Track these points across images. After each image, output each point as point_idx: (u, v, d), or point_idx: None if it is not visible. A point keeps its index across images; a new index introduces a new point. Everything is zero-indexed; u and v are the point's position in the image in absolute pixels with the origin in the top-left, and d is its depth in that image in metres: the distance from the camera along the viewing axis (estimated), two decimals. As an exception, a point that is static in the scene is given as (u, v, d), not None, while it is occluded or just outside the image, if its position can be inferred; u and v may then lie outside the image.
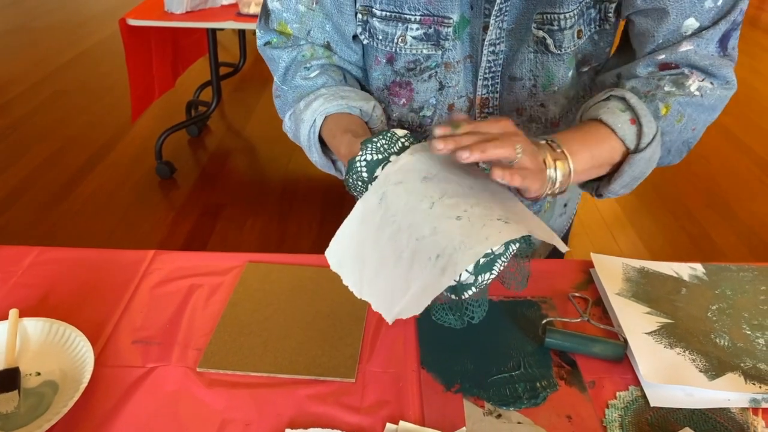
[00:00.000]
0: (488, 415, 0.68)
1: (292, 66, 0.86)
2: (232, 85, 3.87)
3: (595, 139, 0.72)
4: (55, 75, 4.08)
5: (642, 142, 0.72)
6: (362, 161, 0.68)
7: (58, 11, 5.50)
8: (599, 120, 0.72)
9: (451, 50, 0.83)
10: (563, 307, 0.84)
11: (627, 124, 0.71)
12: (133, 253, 0.93)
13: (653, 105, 0.74)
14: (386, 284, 0.64)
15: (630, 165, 0.72)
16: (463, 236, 0.60)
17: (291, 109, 0.85)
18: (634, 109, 0.72)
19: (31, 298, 0.84)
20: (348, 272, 0.69)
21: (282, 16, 0.84)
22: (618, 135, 0.71)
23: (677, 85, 0.75)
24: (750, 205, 2.71)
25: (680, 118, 0.75)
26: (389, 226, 0.64)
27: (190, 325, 0.80)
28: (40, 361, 0.73)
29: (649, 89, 0.75)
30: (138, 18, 2.44)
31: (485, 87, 0.86)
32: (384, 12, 0.82)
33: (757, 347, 0.76)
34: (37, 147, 3.14)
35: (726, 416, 0.68)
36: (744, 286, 0.86)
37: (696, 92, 0.75)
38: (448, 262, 0.59)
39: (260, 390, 0.71)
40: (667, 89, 0.75)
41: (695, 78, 0.75)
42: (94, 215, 2.60)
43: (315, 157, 0.85)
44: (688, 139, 0.80)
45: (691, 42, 0.74)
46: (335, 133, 0.79)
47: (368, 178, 0.68)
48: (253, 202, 2.71)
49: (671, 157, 0.82)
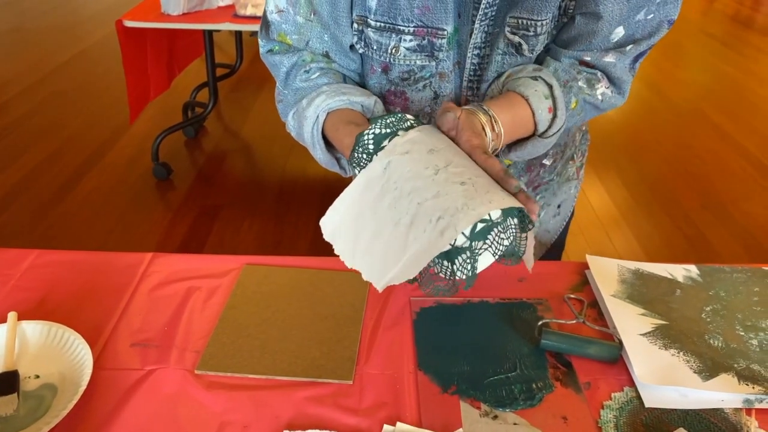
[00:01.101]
0: (485, 416, 0.68)
1: (292, 70, 0.87)
2: (229, 86, 3.87)
3: (519, 115, 0.79)
4: (51, 76, 4.08)
5: (550, 131, 0.80)
6: (370, 134, 0.70)
7: (54, 12, 5.49)
8: (525, 99, 0.79)
9: (445, 60, 0.84)
10: (559, 308, 0.84)
11: (545, 113, 0.79)
12: (131, 255, 0.93)
13: (568, 97, 0.82)
14: (381, 251, 0.65)
15: (533, 145, 0.81)
16: (466, 198, 0.62)
17: (293, 109, 0.86)
18: (556, 100, 0.79)
19: (29, 301, 0.84)
20: (341, 241, 0.69)
21: (281, 27, 0.85)
22: (535, 119, 0.79)
23: (589, 84, 0.84)
24: (745, 205, 2.72)
25: (580, 112, 0.84)
26: (390, 192, 0.66)
27: (188, 328, 0.80)
28: (39, 364, 0.74)
29: (568, 80, 0.82)
30: (135, 19, 2.44)
31: (470, 89, 0.87)
32: (378, 23, 0.82)
33: (750, 348, 0.77)
34: (34, 148, 3.14)
35: (720, 417, 0.69)
36: (738, 287, 0.87)
37: (599, 96, 0.84)
38: (449, 223, 0.61)
39: (258, 392, 0.71)
40: (580, 84, 0.83)
41: (603, 84, 0.84)
42: (92, 216, 2.60)
43: (319, 154, 0.85)
44: (578, 125, 0.92)
45: (615, 55, 0.82)
46: (338, 126, 0.80)
47: (374, 149, 0.69)
48: (251, 203, 2.71)
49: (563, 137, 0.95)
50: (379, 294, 0.86)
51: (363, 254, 0.67)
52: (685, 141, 3.29)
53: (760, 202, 2.75)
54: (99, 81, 3.98)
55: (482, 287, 0.87)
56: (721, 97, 3.85)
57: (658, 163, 3.03)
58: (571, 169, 1.05)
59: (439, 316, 0.82)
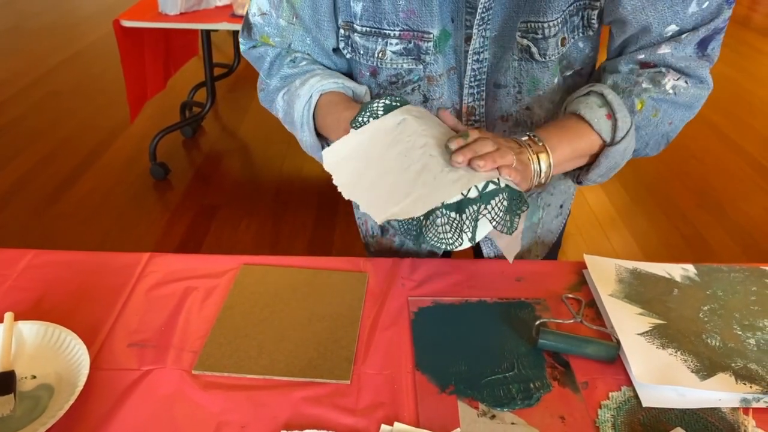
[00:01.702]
0: (482, 416, 0.68)
1: (277, 60, 0.88)
2: (227, 85, 3.87)
3: (574, 133, 0.77)
4: (47, 76, 4.07)
5: (617, 135, 0.76)
6: (380, 104, 0.73)
7: (50, 12, 5.48)
8: (578, 115, 0.77)
9: (433, 64, 0.84)
10: (556, 308, 0.84)
11: (603, 119, 0.76)
12: (128, 255, 0.93)
13: (629, 100, 0.79)
14: (386, 189, 0.68)
15: (606, 156, 0.78)
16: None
17: (284, 90, 0.86)
18: (611, 104, 0.76)
19: (26, 301, 0.84)
20: (342, 174, 0.72)
21: (264, 29, 0.86)
22: (594, 129, 0.76)
23: (654, 82, 0.80)
24: (742, 205, 2.73)
25: (655, 112, 0.80)
26: (402, 143, 0.69)
27: (185, 328, 0.80)
28: (36, 364, 0.73)
29: (628, 85, 0.80)
30: (132, 19, 2.43)
31: (471, 96, 0.87)
32: (364, 27, 0.83)
33: (747, 347, 0.77)
34: (31, 148, 3.13)
35: (717, 416, 0.69)
36: (735, 286, 0.87)
37: (670, 90, 0.80)
38: (462, 175, 0.65)
39: (256, 392, 0.71)
40: (644, 86, 0.80)
41: (671, 77, 0.80)
42: (89, 217, 2.60)
43: (306, 136, 0.85)
44: (667, 133, 0.85)
45: (669, 45, 0.78)
46: (337, 102, 0.82)
47: (384, 114, 0.73)
48: (248, 203, 2.71)
49: (649, 149, 0.87)
50: (376, 294, 0.86)
51: (365, 190, 0.69)
52: (682, 140, 3.28)
53: (758, 201, 2.76)
54: (95, 81, 3.98)
55: (480, 287, 0.87)
56: (718, 97, 3.85)
57: (655, 163, 3.03)
58: None
59: (437, 315, 0.82)
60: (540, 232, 1.07)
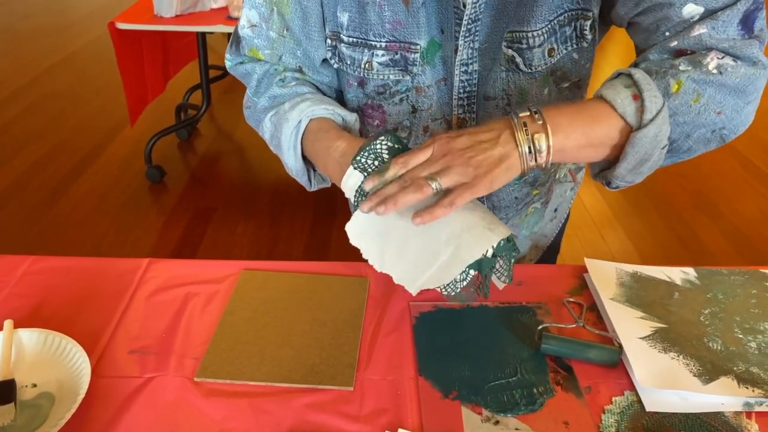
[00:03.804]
0: (486, 421, 0.68)
1: (265, 78, 0.86)
2: (222, 87, 3.86)
3: (591, 116, 0.66)
4: (42, 78, 4.05)
5: (644, 118, 0.64)
6: (383, 145, 0.72)
7: (44, 13, 5.46)
8: (600, 97, 0.68)
9: (421, 75, 0.83)
10: (558, 312, 0.84)
11: (629, 100, 0.65)
12: (128, 261, 0.93)
13: (664, 81, 0.67)
14: (411, 257, 0.67)
15: (632, 145, 0.65)
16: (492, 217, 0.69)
17: (272, 111, 0.85)
18: (638, 84, 0.65)
19: (25, 308, 0.83)
20: (368, 246, 0.70)
21: (253, 42, 0.84)
22: (618, 111, 0.65)
23: (693, 63, 0.67)
24: (737, 205, 2.74)
25: (696, 97, 0.67)
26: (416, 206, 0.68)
27: (186, 335, 0.80)
28: (36, 372, 0.73)
29: (662, 68, 0.68)
30: (127, 22, 2.42)
31: (461, 107, 0.86)
32: (351, 38, 0.82)
33: (749, 351, 0.77)
34: (26, 151, 3.11)
35: (720, 420, 0.69)
36: (735, 289, 0.88)
37: (714, 70, 0.66)
38: (480, 234, 0.65)
39: (258, 399, 0.71)
40: (682, 68, 0.67)
41: (714, 56, 0.66)
42: (85, 220, 2.58)
43: (291, 161, 0.85)
44: (718, 126, 0.70)
45: (705, 25, 0.66)
46: (328, 129, 0.80)
47: (389, 160, 0.71)
48: (245, 206, 2.70)
49: (693, 143, 0.71)
50: (378, 299, 0.85)
51: (392, 259, 0.69)
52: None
53: (751, 201, 2.77)
54: (91, 83, 3.96)
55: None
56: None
57: (650, 164, 3.04)
58: (562, 171, 1.05)
59: (438, 320, 0.82)
60: (535, 235, 1.07)
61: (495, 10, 0.77)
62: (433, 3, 0.78)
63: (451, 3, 0.77)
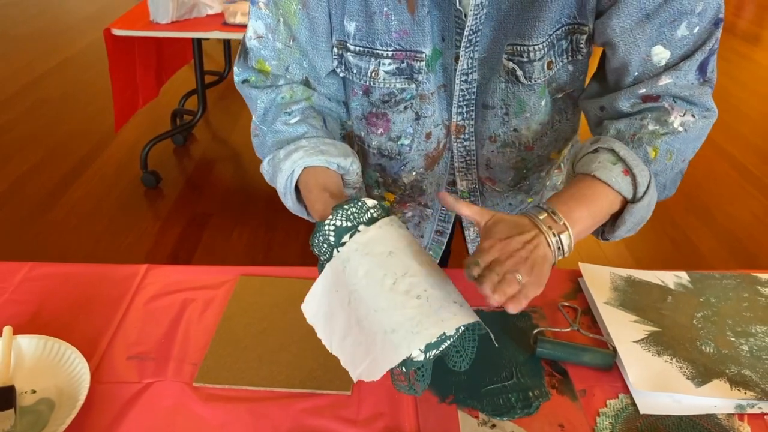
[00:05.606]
0: (483, 425, 0.69)
1: (272, 108, 0.86)
2: (217, 93, 3.86)
3: (592, 199, 0.72)
4: (36, 83, 4.04)
5: (638, 191, 0.72)
6: (331, 226, 0.69)
7: (38, 19, 5.45)
8: (593, 176, 0.73)
9: (425, 83, 0.84)
10: (553, 316, 0.85)
11: (621, 176, 0.72)
12: (126, 267, 0.93)
13: (642, 150, 0.75)
14: (350, 347, 0.66)
15: (631, 214, 0.73)
16: (421, 316, 0.63)
17: (270, 155, 0.85)
18: (625, 160, 0.72)
19: (23, 315, 0.84)
20: (321, 327, 0.69)
21: (260, 53, 0.85)
22: (614, 189, 0.72)
23: (660, 123, 0.76)
24: (729, 209, 2.76)
25: (669, 156, 0.76)
26: (353, 293, 0.66)
27: (185, 340, 0.80)
28: (36, 378, 0.73)
29: (634, 131, 0.76)
30: (123, 28, 2.43)
31: (460, 114, 0.88)
32: (357, 47, 0.83)
33: (741, 354, 0.78)
34: (20, 156, 3.11)
35: (713, 422, 0.70)
36: (728, 293, 0.89)
37: (680, 128, 0.76)
38: (402, 338, 0.62)
39: (257, 404, 0.72)
40: (651, 128, 0.76)
41: (677, 113, 0.76)
42: (80, 225, 2.58)
43: (289, 204, 0.86)
44: (681, 169, 0.82)
45: (670, 75, 0.75)
46: (311, 188, 0.79)
47: (335, 242, 0.69)
48: (240, 211, 2.70)
49: (668, 191, 0.83)
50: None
51: (337, 343, 0.68)
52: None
53: (744, 205, 2.80)
54: (86, 88, 3.96)
55: (477, 295, 0.87)
56: (704, 103, 3.90)
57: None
58: (558, 179, 1.06)
59: (435, 325, 0.83)
60: None
61: (496, 22, 0.79)
62: (435, 12, 0.79)
63: (452, 12, 0.79)
